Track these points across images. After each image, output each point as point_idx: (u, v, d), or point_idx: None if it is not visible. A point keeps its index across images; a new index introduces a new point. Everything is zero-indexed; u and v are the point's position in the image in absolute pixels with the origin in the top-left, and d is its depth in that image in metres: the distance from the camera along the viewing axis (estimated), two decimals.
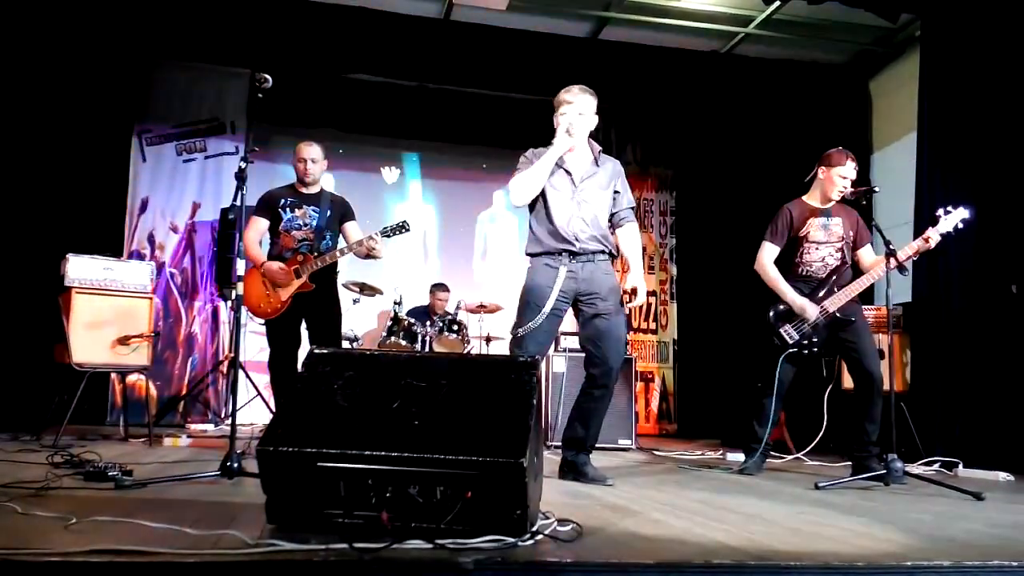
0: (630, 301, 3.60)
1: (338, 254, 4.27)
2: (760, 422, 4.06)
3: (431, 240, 7.69)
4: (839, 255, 4.00)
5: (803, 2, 5.61)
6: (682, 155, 7.86)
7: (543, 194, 3.50)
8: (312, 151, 4.34)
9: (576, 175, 3.52)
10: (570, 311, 3.57)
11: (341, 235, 4.46)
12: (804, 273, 4.01)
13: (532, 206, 3.56)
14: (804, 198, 4.12)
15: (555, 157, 3.48)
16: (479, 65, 6.55)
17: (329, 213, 4.38)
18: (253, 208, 4.32)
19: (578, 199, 3.49)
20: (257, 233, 4.35)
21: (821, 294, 3.93)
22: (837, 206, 4.06)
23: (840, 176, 3.96)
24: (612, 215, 3.63)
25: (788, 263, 4.04)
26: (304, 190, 4.37)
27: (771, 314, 4.01)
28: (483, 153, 7.61)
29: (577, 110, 3.50)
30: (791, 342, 3.93)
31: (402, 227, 4.31)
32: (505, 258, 7.70)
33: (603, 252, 3.54)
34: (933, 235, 3.76)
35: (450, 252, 7.70)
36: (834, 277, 3.95)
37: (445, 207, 7.77)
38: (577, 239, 3.45)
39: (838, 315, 3.89)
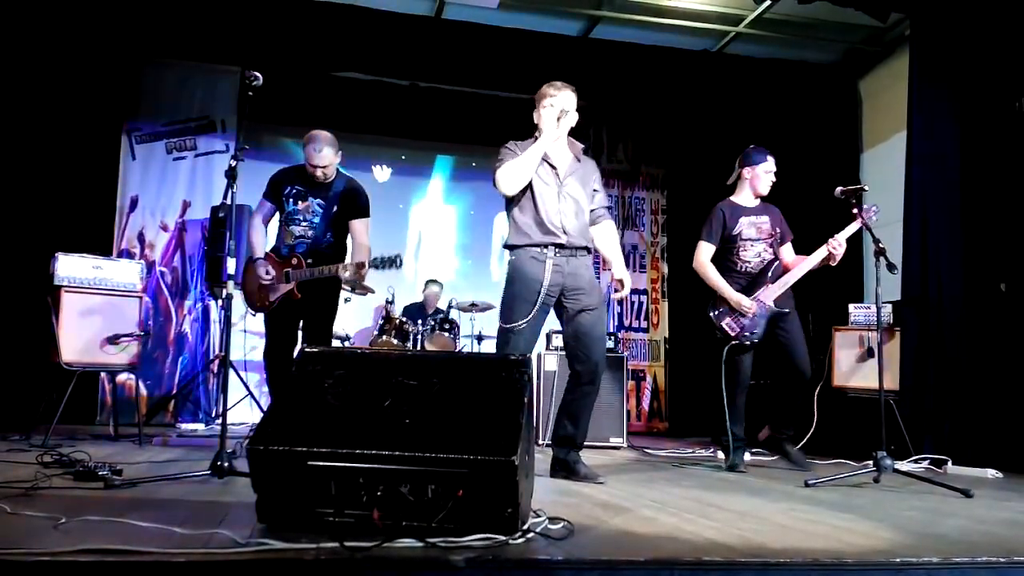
0: (617, 292, 3.64)
1: (328, 271, 3.99)
2: (734, 419, 4.16)
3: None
4: (771, 251, 4.27)
5: (793, 1, 5.63)
6: (673, 154, 7.87)
7: (530, 185, 3.48)
8: (321, 158, 4.04)
9: (561, 170, 3.54)
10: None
11: (349, 233, 4.20)
12: (743, 270, 4.24)
13: (515, 197, 3.51)
14: (733, 198, 4.36)
15: (546, 145, 3.47)
16: (471, 64, 6.54)
17: (335, 208, 4.14)
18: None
19: (564, 193, 3.51)
20: (262, 216, 4.20)
21: (757, 288, 4.17)
22: (762, 205, 4.34)
23: (766, 172, 4.29)
24: (591, 211, 3.66)
25: (726, 261, 4.26)
26: (315, 177, 4.12)
27: (712, 311, 4.21)
28: (468, 151, 7.62)
29: (561, 105, 3.49)
30: (732, 334, 4.14)
31: (393, 262, 3.99)
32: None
33: (586, 248, 3.57)
34: (840, 239, 4.05)
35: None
36: (768, 272, 4.19)
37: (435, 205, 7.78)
38: (565, 231, 3.46)
39: (774, 307, 4.13)
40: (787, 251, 4.34)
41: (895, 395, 4.99)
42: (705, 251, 4.25)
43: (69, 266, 4.57)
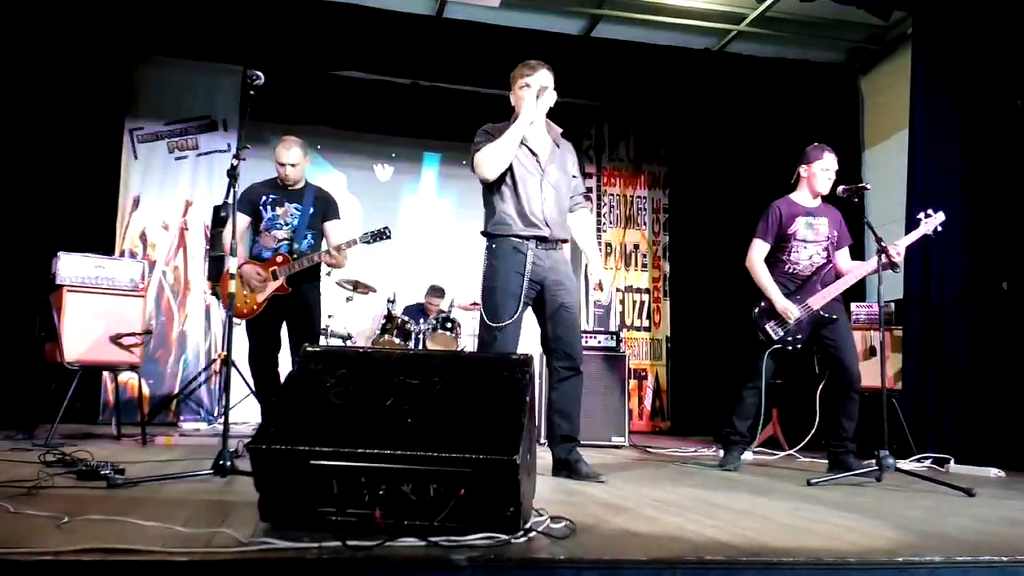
0: (594, 292, 3.62)
1: (316, 257, 4.18)
2: (740, 415, 4.08)
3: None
4: (825, 254, 4.04)
5: (795, 0, 5.62)
6: (675, 152, 7.88)
7: (511, 172, 3.41)
8: (290, 156, 4.21)
9: (542, 157, 3.48)
10: None
11: (324, 235, 4.37)
12: (791, 271, 4.04)
13: (496, 184, 3.44)
14: (792, 197, 4.14)
15: (525, 125, 3.39)
16: (472, 63, 6.54)
17: (312, 211, 4.29)
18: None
19: (546, 182, 3.45)
20: (239, 230, 4.27)
21: (806, 292, 3.97)
22: (822, 206, 4.11)
23: (823, 169, 4.04)
24: (569, 199, 3.62)
25: (776, 260, 4.07)
26: (287, 186, 4.29)
27: (756, 311, 4.04)
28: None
29: (539, 83, 3.42)
30: (775, 338, 3.96)
31: (383, 234, 4.20)
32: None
33: (565, 241, 3.54)
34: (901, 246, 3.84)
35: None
36: (818, 276, 3.99)
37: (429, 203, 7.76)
38: (548, 223, 3.42)
39: (821, 313, 3.93)
40: (843, 256, 4.11)
41: (897, 394, 4.98)
42: (759, 250, 4.06)
43: (71, 265, 4.58)
